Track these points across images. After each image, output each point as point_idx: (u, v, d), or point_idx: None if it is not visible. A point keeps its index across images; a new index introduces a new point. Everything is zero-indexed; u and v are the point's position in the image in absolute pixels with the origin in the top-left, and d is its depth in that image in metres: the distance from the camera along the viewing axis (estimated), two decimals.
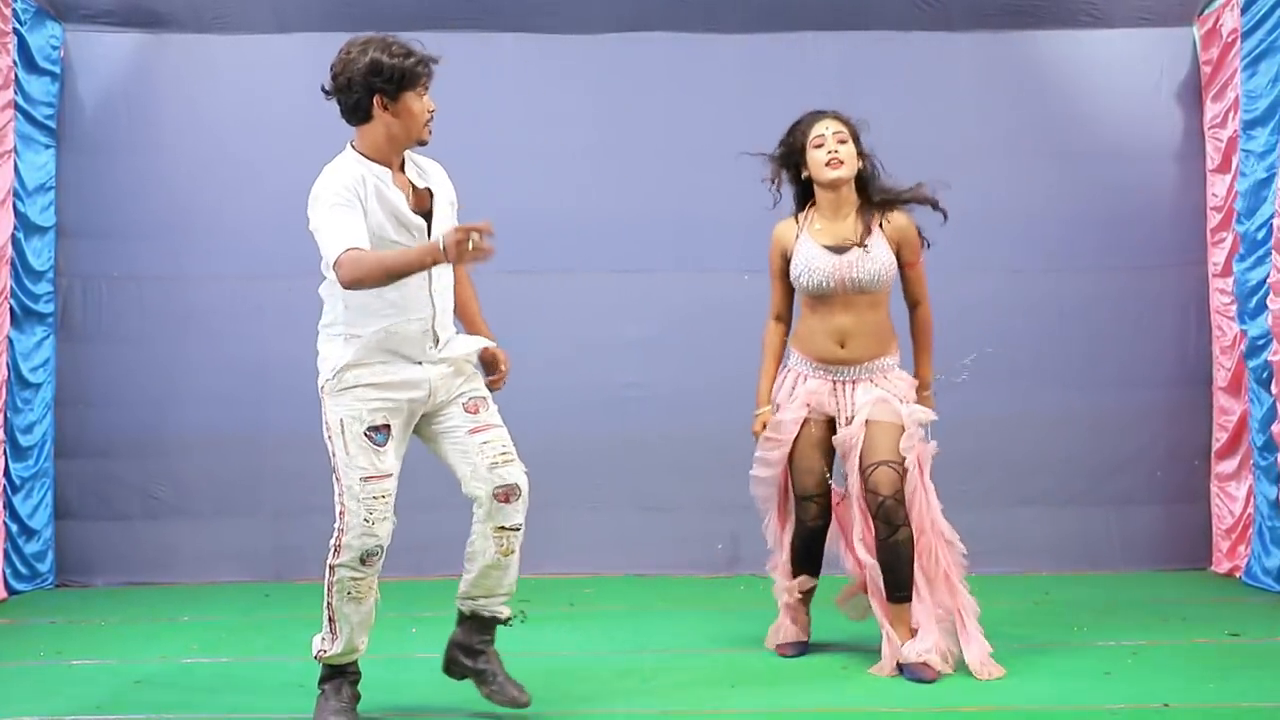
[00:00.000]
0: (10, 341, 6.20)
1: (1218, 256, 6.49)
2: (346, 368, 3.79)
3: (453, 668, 4.05)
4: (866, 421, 4.49)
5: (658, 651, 4.87)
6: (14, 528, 6.20)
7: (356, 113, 3.80)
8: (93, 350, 6.55)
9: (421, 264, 3.63)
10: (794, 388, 4.68)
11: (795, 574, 4.82)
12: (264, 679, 4.51)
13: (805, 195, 4.75)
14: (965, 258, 6.26)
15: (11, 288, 6.21)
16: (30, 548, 6.31)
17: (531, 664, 4.54)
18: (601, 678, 4.45)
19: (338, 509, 3.80)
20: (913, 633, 4.41)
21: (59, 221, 6.54)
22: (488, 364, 4.09)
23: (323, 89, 3.89)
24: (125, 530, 6.51)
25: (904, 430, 4.46)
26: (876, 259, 4.54)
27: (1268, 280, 5.80)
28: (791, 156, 4.69)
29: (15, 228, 6.21)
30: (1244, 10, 6.10)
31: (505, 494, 3.89)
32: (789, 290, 4.74)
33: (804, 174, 4.67)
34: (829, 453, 4.64)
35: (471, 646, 4.01)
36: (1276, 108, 5.82)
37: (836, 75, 6.62)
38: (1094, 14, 6.58)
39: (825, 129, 4.61)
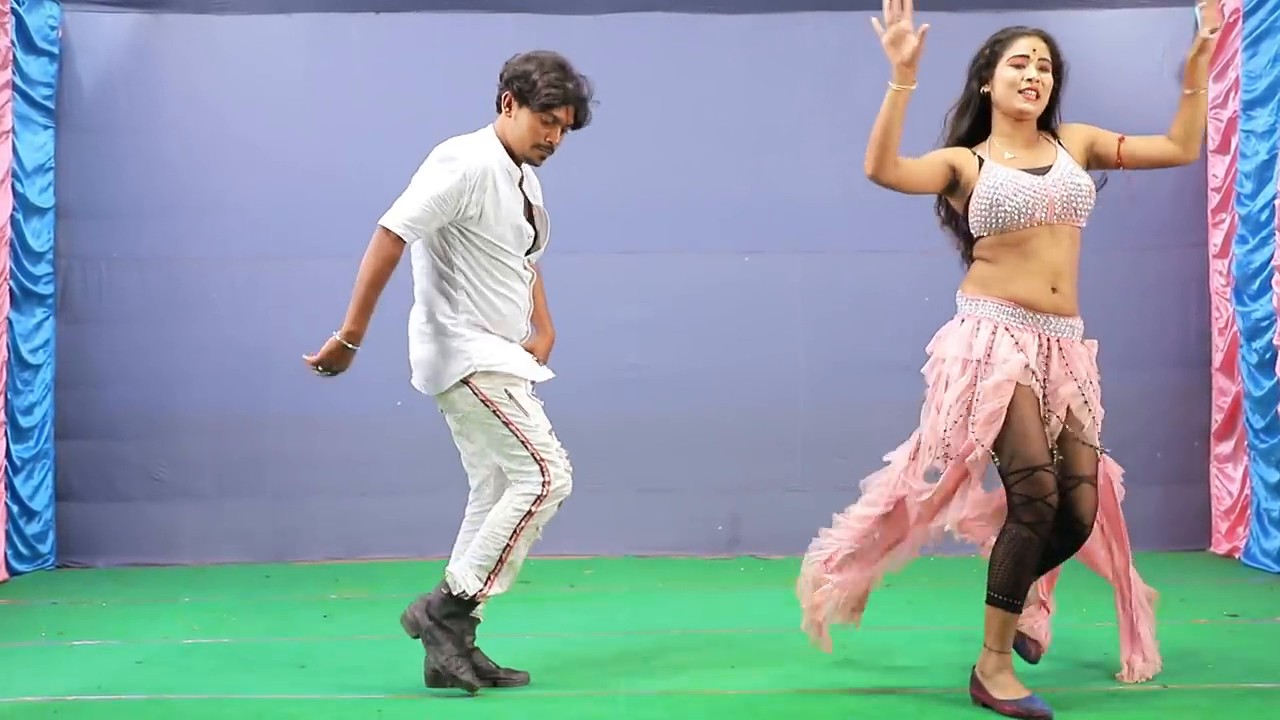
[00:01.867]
0: (10, 323, 6.20)
1: (1217, 237, 6.48)
2: (493, 348, 3.99)
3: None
4: (1069, 413, 3.74)
5: (658, 632, 4.88)
6: (15, 509, 6.21)
7: (497, 103, 4.07)
8: (93, 331, 6.55)
9: (353, 323, 3.96)
10: (992, 341, 3.71)
11: (1000, 599, 3.71)
12: (265, 660, 4.52)
13: (974, 128, 3.90)
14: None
15: (11, 269, 6.21)
16: (31, 529, 6.32)
17: (532, 644, 4.55)
18: (602, 659, 4.46)
19: (536, 466, 3.97)
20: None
21: (58, 202, 6.54)
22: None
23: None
24: (126, 511, 6.53)
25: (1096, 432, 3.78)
26: (1079, 172, 3.78)
27: (1272, 262, 5.78)
28: (978, 71, 3.86)
29: (14, 209, 6.21)
30: None
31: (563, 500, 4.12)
32: (924, 170, 3.78)
33: (984, 89, 3.84)
34: (1042, 419, 3.73)
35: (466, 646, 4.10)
36: (1277, 88, 5.81)
37: (836, 55, 6.61)
38: None
39: (1031, 48, 3.76)
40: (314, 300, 6.57)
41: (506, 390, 3.96)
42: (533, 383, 4.06)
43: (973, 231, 3.80)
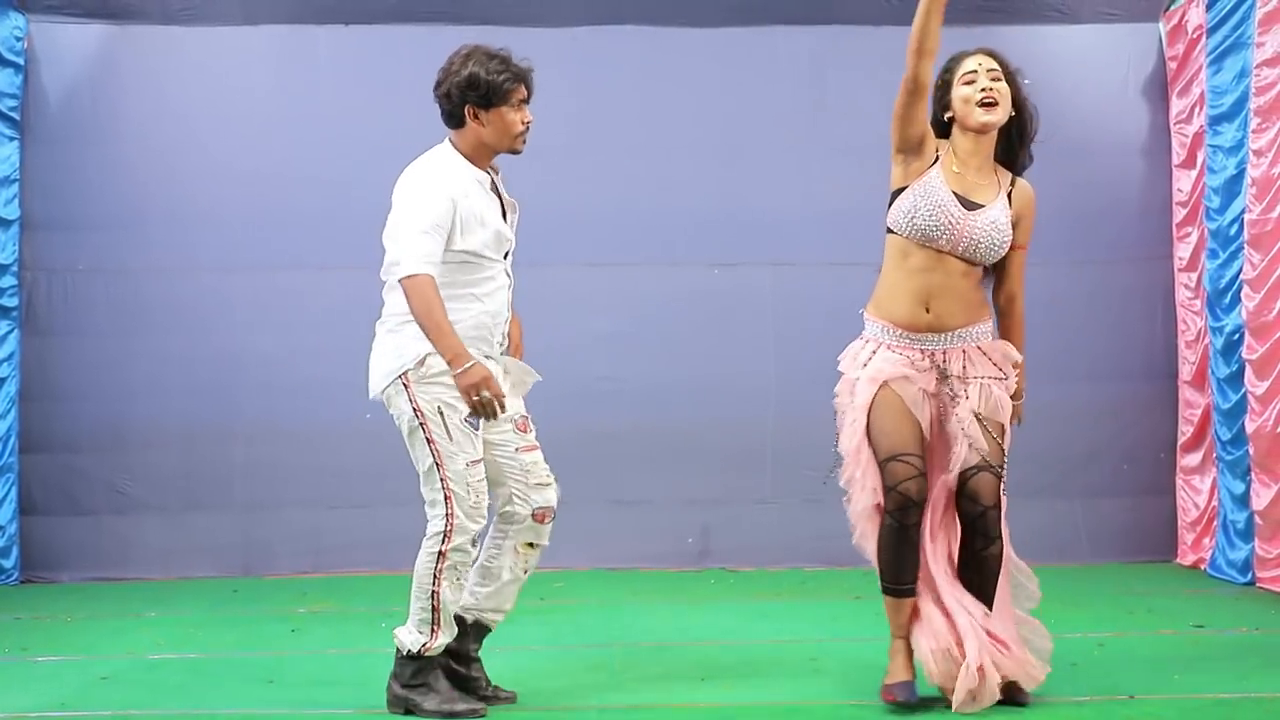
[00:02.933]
0: None
1: (1183, 251, 6.54)
2: (430, 355, 3.82)
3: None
4: (977, 416, 3.82)
5: (628, 645, 4.88)
6: None
7: (453, 118, 3.98)
8: (58, 344, 6.50)
9: (448, 351, 3.74)
10: (870, 357, 3.91)
11: (894, 593, 3.88)
12: (232, 675, 4.48)
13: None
14: None
15: None
16: None
17: (502, 658, 4.53)
18: (571, 672, 4.45)
19: (441, 495, 3.83)
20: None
21: (23, 214, 6.48)
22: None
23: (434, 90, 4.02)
24: (91, 525, 6.47)
25: (1005, 428, 3.87)
26: (1000, 229, 3.84)
27: (1240, 276, 5.84)
28: (938, 99, 3.93)
29: None
30: (1209, 7, 6.15)
31: (543, 515, 4.05)
32: (922, 110, 3.87)
33: (947, 115, 3.90)
34: (914, 420, 3.84)
35: (467, 654, 4.05)
36: (1242, 104, 5.87)
37: (808, 69, 6.65)
38: (1061, 9, 6.63)
39: (978, 63, 3.85)
40: (282, 311, 6.55)
41: (440, 406, 3.79)
42: (471, 415, 3.81)
43: (888, 219, 3.94)
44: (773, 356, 6.66)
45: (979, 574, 3.91)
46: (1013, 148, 3.97)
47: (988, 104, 3.83)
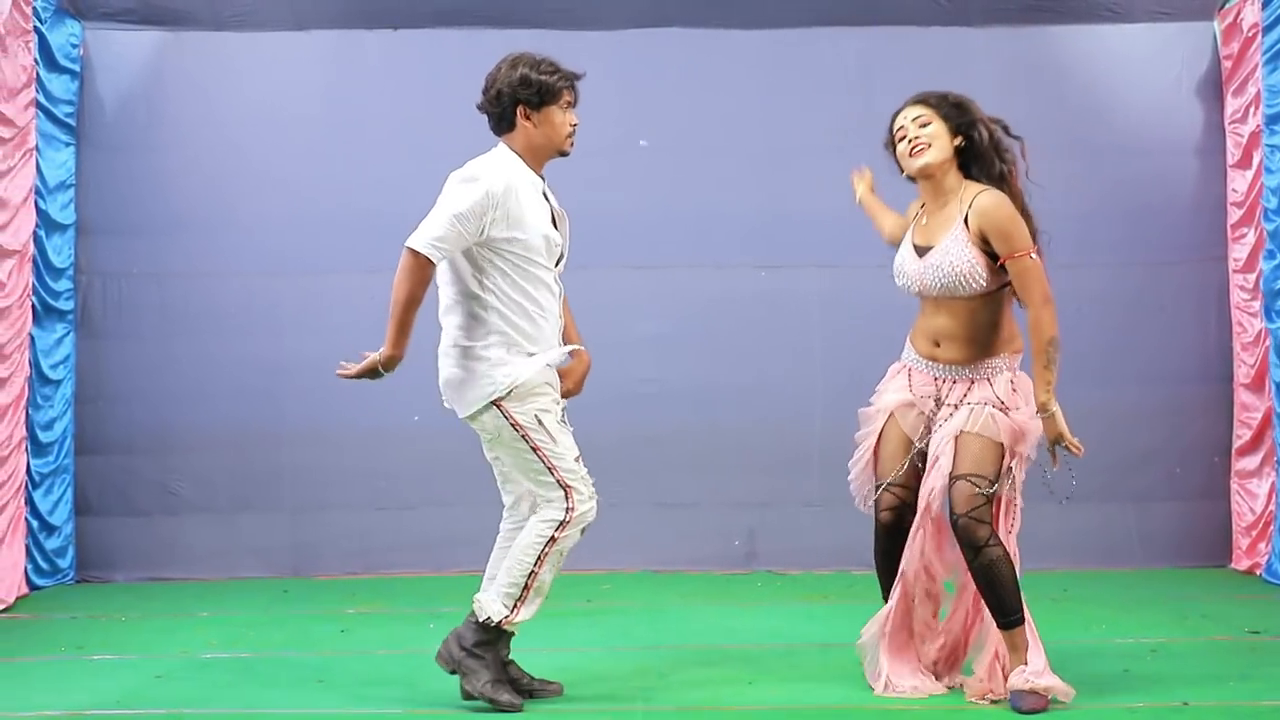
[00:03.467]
0: (31, 339, 6.23)
1: (1239, 252, 6.45)
2: (522, 370, 3.99)
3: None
4: (960, 432, 4.02)
5: (675, 647, 4.87)
6: (35, 523, 6.23)
7: (503, 122, 4.09)
8: (112, 347, 6.58)
9: (392, 347, 4.03)
10: (899, 377, 4.28)
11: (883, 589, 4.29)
12: (283, 674, 4.52)
13: None
14: None
15: (33, 285, 6.24)
16: (51, 543, 6.34)
17: (549, 660, 4.55)
18: (619, 674, 4.45)
19: (561, 491, 4.01)
20: (1023, 657, 4.00)
21: (79, 219, 6.58)
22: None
23: (477, 105, 4.16)
24: (145, 526, 6.55)
25: (1000, 445, 4.01)
26: (953, 262, 4.01)
27: None
28: (892, 155, 4.28)
29: (36, 225, 6.25)
30: (1265, 5, 6.06)
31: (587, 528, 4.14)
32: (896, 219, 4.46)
33: (904, 175, 4.24)
34: (908, 450, 4.18)
35: (502, 659, 4.09)
36: None
37: (855, 71, 6.61)
38: (1114, 9, 6.56)
39: (905, 117, 4.18)
40: (331, 315, 6.60)
41: (536, 416, 3.98)
42: (564, 409, 4.08)
43: None
44: (819, 358, 6.63)
45: (976, 584, 4.04)
46: (982, 164, 4.15)
47: (918, 151, 4.12)
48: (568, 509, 4.00)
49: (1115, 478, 6.52)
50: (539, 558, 3.99)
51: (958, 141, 4.11)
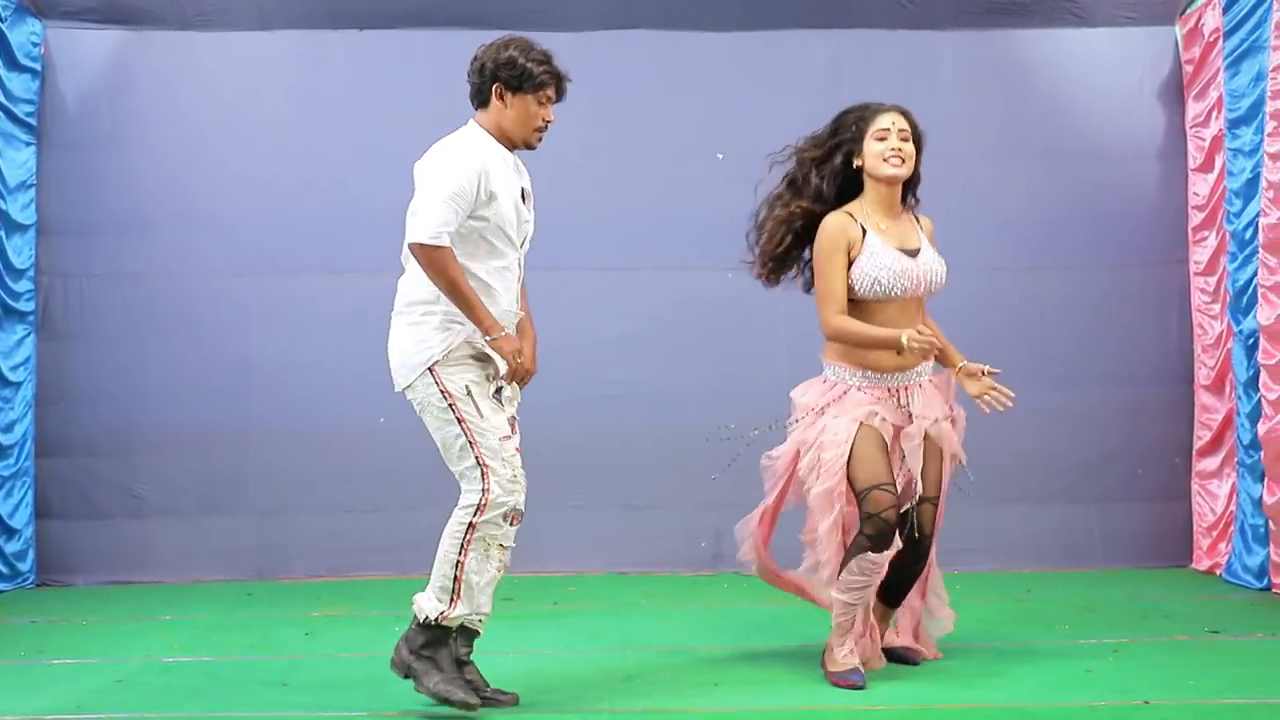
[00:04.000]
0: None
1: (1200, 255, 6.52)
2: (460, 338, 3.93)
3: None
4: (927, 438, 4.28)
5: (641, 649, 4.87)
6: None
7: (478, 96, 4.06)
8: (74, 348, 6.52)
9: (483, 320, 3.87)
10: (842, 397, 4.33)
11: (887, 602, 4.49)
12: (246, 678, 4.49)
13: (845, 187, 4.40)
14: (947, 256, 6.30)
15: None
16: (11, 547, 6.28)
17: (515, 662, 4.54)
18: (584, 676, 4.45)
19: (478, 472, 3.90)
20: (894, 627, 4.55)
21: (40, 219, 6.51)
22: None
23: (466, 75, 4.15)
24: (107, 529, 6.49)
25: (947, 459, 4.36)
26: (938, 260, 4.37)
27: (1256, 280, 5.81)
28: (844, 145, 4.35)
29: None
30: (1225, 9, 6.13)
31: (514, 517, 4.01)
32: (843, 283, 4.32)
33: (856, 163, 4.33)
34: (889, 454, 4.28)
35: (459, 658, 4.04)
36: (1259, 107, 5.85)
37: (822, 73, 6.63)
38: (1076, 13, 6.61)
39: (890, 122, 4.30)
40: (298, 316, 6.57)
41: (467, 386, 3.89)
42: (499, 389, 3.97)
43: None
44: (785, 360, 6.62)
45: (903, 580, 4.40)
46: (903, 193, 4.43)
47: (897, 162, 4.28)
48: (483, 491, 3.87)
49: (1077, 479, 6.58)
50: (461, 546, 3.90)
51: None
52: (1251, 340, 5.90)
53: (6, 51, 6.25)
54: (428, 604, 3.95)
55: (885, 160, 4.26)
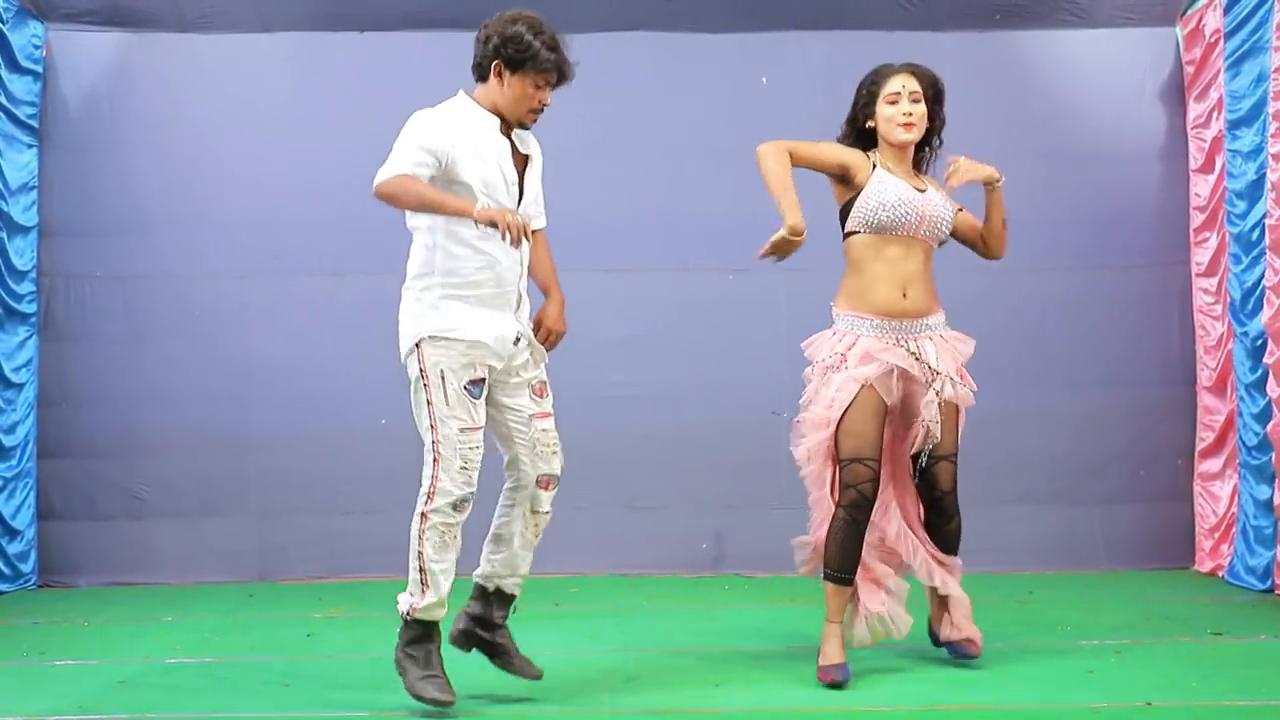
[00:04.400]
0: None
1: (1201, 256, 6.51)
2: (449, 319, 3.90)
3: (466, 639, 4.15)
4: (941, 405, 4.28)
5: (642, 651, 4.87)
6: None
7: (479, 68, 4.00)
8: (76, 350, 6.53)
9: (453, 210, 3.78)
10: (849, 348, 4.29)
11: (828, 573, 4.33)
12: (248, 679, 4.49)
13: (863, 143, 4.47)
14: (949, 257, 6.30)
15: None
16: (13, 548, 6.28)
17: None
18: (586, 677, 4.44)
19: (430, 457, 3.91)
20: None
21: (42, 221, 6.52)
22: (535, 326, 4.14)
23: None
24: (108, 530, 6.49)
25: (960, 418, 4.40)
26: (944, 204, 4.36)
27: (1263, 281, 5.81)
28: (862, 108, 4.40)
29: None
30: (1226, 11, 6.13)
31: (548, 482, 4.10)
32: (813, 159, 4.42)
33: (868, 124, 4.38)
34: (883, 420, 4.28)
35: (491, 620, 4.13)
36: (1261, 108, 5.85)
37: (821, 74, 6.63)
38: (1077, 14, 6.61)
39: (901, 85, 4.31)
40: (298, 317, 6.57)
41: (442, 370, 3.86)
42: (475, 382, 3.89)
43: (848, 226, 4.39)
44: (786, 361, 6.59)
45: (942, 543, 4.46)
46: (920, 150, 4.47)
47: (906, 125, 4.30)
48: (432, 479, 3.88)
49: (1080, 480, 6.58)
50: (419, 536, 3.93)
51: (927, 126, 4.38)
52: (1260, 342, 5.88)
53: (8, 53, 6.26)
54: (403, 600, 4.01)
55: (898, 125, 4.31)
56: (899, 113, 4.30)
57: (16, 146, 6.36)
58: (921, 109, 4.32)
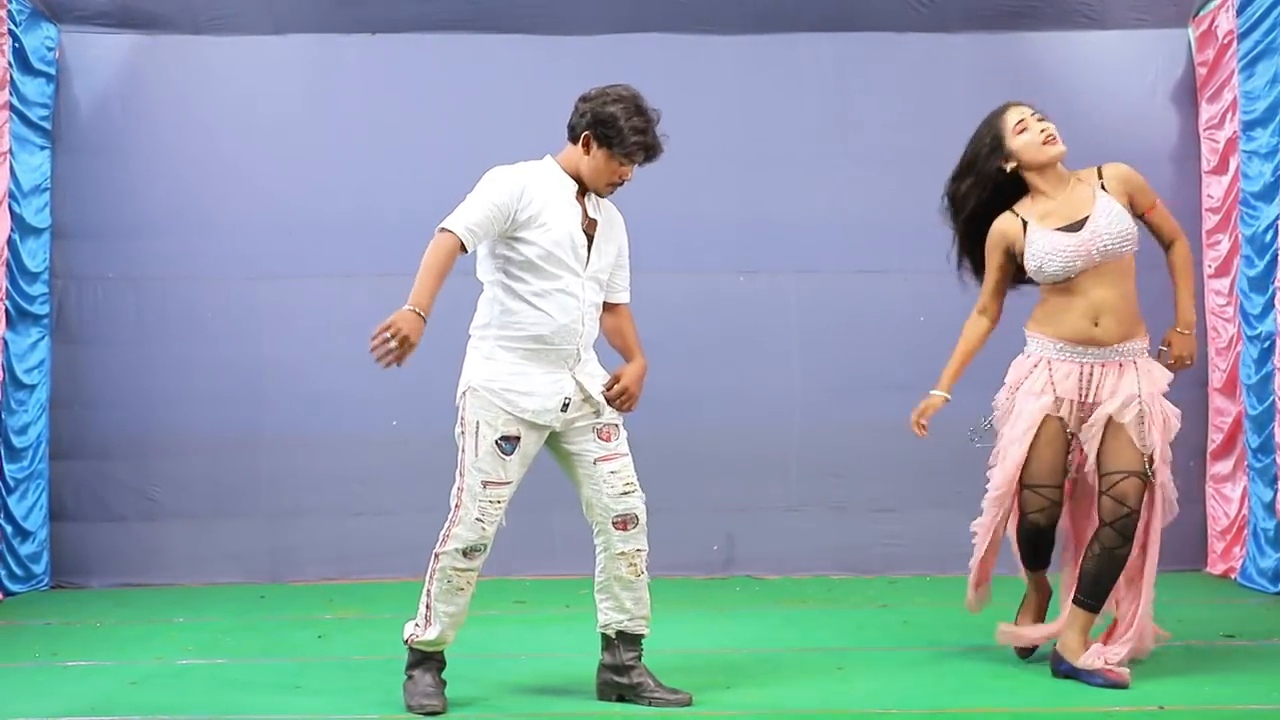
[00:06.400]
0: (5, 343, 6.19)
1: (1213, 258, 6.49)
2: (495, 373, 3.98)
3: (607, 690, 4.18)
4: (1110, 420, 4.23)
5: (653, 652, 4.84)
6: (9, 529, 6.19)
7: (572, 133, 4.09)
8: (88, 351, 6.54)
9: (412, 296, 3.83)
10: (1038, 373, 4.32)
11: (1026, 569, 4.60)
12: (259, 680, 4.50)
13: (1000, 199, 4.42)
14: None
15: (7, 289, 6.21)
16: (25, 549, 6.30)
17: (528, 665, 4.55)
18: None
19: (454, 501, 4.00)
20: (1086, 641, 4.30)
21: (54, 223, 6.54)
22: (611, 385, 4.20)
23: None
24: (120, 531, 6.51)
25: (1148, 436, 4.26)
26: (1116, 219, 4.25)
27: (1273, 283, 5.79)
28: (991, 159, 4.38)
29: (11, 229, 6.21)
30: (1239, 12, 6.11)
31: (624, 522, 4.15)
32: (1002, 285, 4.47)
33: (1009, 167, 4.36)
34: (1066, 448, 4.33)
35: (622, 664, 4.16)
36: (1275, 109, 5.83)
37: (832, 76, 6.63)
38: (1089, 15, 6.59)
39: (1020, 115, 4.37)
40: (309, 320, 6.58)
41: (478, 423, 3.95)
42: (507, 439, 3.94)
43: (1034, 280, 4.40)
44: (797, 364, 6.65)
45: (1103, 567, 4.27)
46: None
47: (1049, 139, 4.32)
48: (450, 522, 4.00)
49: None
50: (430, 574, 4.05)
51: None
52: (1268, 344, 5.86)
53: (21, 56, 6.28)
54: (407, 627, 4.11)
55: (1044, 145, 4.30)
56: (1036, 133, 4.32)
57: (29, 148, 6.38)
58: (1050, 123, 4.35)
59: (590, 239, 4.07)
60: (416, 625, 4.07)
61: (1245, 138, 6.11)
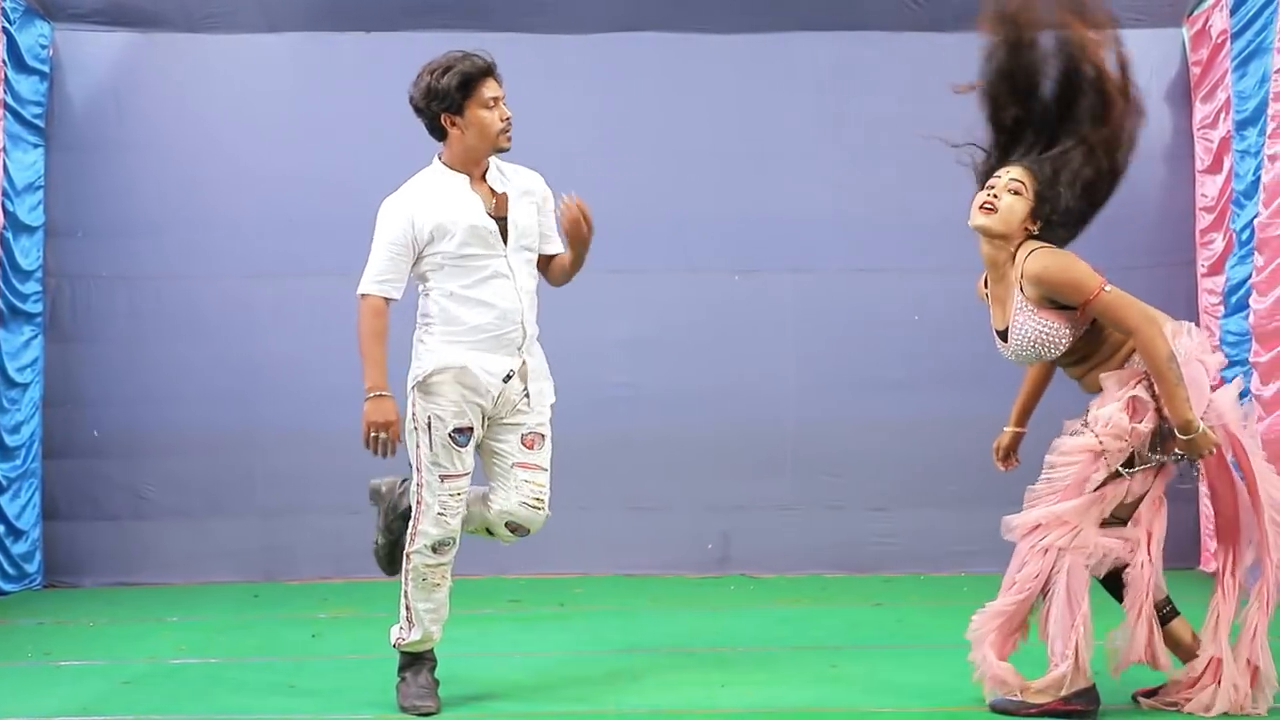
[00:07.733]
0: None
1: (1206, 257, 6.51)
2: (440, 368, 3.97)
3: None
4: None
5: (648, 651, 4.87)
6: (1, 528, 6.18)
7: (435, 131, 4.04)
8: (81, 350, 6.53)
9: (366, 379, 3.98)
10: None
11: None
12: (253, 680, 4.50)
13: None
14: (956, 259, 6.29)
15: (0, 287, 6.19)
16: (18, 548, 6.29)
17: (522, 663, 4.55)
18: (591, 677, 4.45)
19: (414, 500, 4.03)
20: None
21: (47, 221, 6.53)
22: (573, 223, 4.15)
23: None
24: (113, 530, 6.50)
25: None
26: (1026, 337, 3.90)
27: (1249, 280, 5.81)
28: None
29: (4, 227, 6.19)
30: (1233, 11, 6.12)
31: (516, 528, 4.12)
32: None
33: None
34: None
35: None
36: (1264, 108, 5.84)
37: (828, 75, 6.63)
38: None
39: (1005, 173, 3.94)
40: (303, 317, 6.57)
41: (429, 418, 3.96)
42: (460, 431, 3.95)
43: None
44: (793, 363, 6.65)
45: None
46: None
47: (986, 208, 3.88)
48: (412, 521, 4.02)
49: None
50: (404, 575, 4.05)
51: (1032, 226, 3.94)
52: (1243, 339, 5.90)
53: (15, 53, 6.26)
54: (393, 632, 4.12)
55: (978, 207, 3.92)
56: (982, 194, 3.93)
57: (23, 146, 6.36)
58: (1009, 200, 3.90)
59: (502, 218, 4.03)
60: (401, 629, 4.08)
61: (1238, 137, 6.12)
